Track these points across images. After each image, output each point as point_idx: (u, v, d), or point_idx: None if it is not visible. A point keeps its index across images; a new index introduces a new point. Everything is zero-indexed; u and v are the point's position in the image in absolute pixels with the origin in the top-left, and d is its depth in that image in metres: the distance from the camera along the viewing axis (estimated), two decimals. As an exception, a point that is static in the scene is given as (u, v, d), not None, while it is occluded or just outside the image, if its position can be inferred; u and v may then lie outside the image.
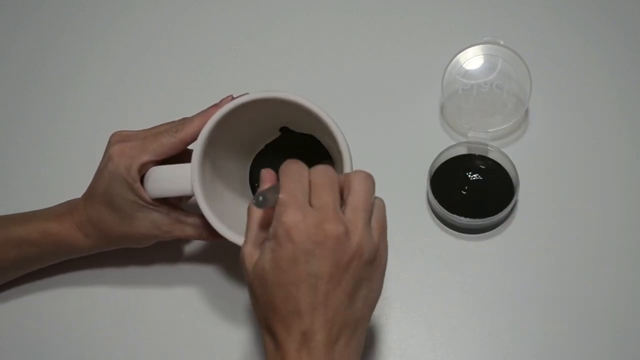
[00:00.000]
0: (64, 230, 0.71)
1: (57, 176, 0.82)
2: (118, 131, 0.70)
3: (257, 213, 0.59)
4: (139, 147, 0.68)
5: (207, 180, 0.69)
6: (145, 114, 0.75)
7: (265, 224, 0.59)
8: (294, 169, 0.59)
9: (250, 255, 0.58)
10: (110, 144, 0.69)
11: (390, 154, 0.81)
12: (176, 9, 0.91)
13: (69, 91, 0.87)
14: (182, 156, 0.70)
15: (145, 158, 0.67)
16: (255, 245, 0.59)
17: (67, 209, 0.72)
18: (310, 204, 0.57)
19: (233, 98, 0.68)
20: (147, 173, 0.68)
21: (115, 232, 0.70)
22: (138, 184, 0.68)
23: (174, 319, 0.76)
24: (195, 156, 0.67)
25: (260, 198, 0.57)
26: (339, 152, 0.67)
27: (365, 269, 0.57)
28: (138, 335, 0.75)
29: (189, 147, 0.69)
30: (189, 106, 0.71)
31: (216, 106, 0.68)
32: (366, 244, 0.57)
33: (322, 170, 0.59)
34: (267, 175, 0.61)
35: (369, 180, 0.59)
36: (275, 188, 0.58)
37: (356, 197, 0.58)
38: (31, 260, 0.73)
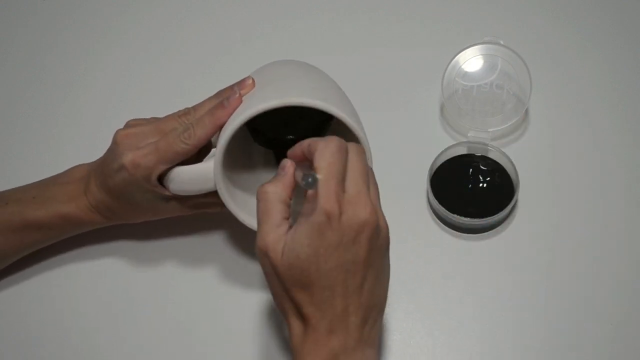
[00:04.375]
0: (82, 213, 0.72)
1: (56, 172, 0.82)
2: (122, 130, 0.69)
3: (279, 202, 0.59)
4: (152, 156, 0.67)
5: (226, 177, 0.67)
6: (145, 111, 0.75)
7: (284, 211, 0.59)
8: (335, 148, 0.58)
9: (276, 244, 0.58)
10: (118, 146, 0.68)
11: (390, 154, 0.81)
12: (177, 5, 0.91)
13: (69, 89, 0.87)
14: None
15: (162, 167, 0.67)
16: (277, 234, 0.58)
17: (80, 188, 0.72)
18: (345, 187, 0.58)
19: (239, 93, 0.66)
20: (168, 175, 0.68)
21: (135, 218, 0.73)
22: (159, 187, 0.68)
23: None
24: (217, 164, 0.66)
25: (310, 179, 0.57)
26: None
27: (387, 250, 0.61)
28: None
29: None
30: (190, 102, 0.71)
31: (223, 107, 0.66)
32: (387, 226, 0.60)
33: (357, 153, 0.60)
34: (289, 165, 0.61)
35: (363, 154, 0.60)
36: (311, 169, 0.58)
37: (362, 174, 0.59)
38: (51, 239, 0.75)
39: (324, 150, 0.58)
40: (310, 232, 0.57)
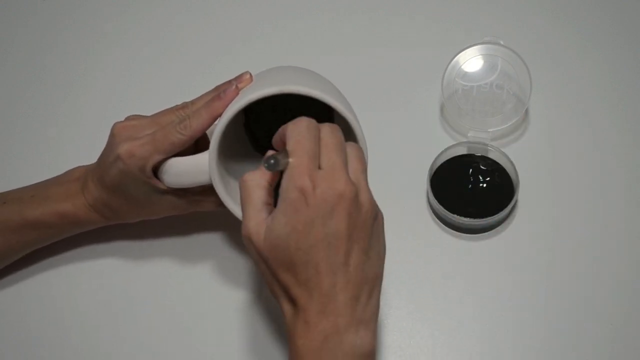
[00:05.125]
0: (79, 211, 0.72)
1: (57, 171, 0.82)
2: (120, 122, 0.70)
3: (258, 188, 0.59)
4: (148, 146, 0.67)
5: (222, 167, 0.68)
6: (145, 111, 0.75)
7: (265, 197, 0.59)
8: (304, 127, 0.58)
9: (258, 228, 0.58)
10: (114, 137, 0.68)
11: (390, 154, 0.81)
12: (177, 5, 0.91)
13: (69, 90, 0.87)
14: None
15: (158, 158, 0.67)
16: (259, 220, 0.58)
17: (78, 187, 0.72)
18: (320, 164, 0.58)
19: (236, 85, 0.67)
20: (162, 166, 0.68)
21: (132, 215, 0.72)
22: (153, 179, 0.68)
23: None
24: (212, 153, 0.66)
25: (272, 161, 0.56)
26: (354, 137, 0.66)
27: (374, 224, 0.59)
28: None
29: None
30: (192, 98, 0.71)
31: (219, 98, 0.67)
32: (371, 201, 0.58)
33: (330, 130, 0.59)
34: (269, 154, 0.60)
35: (336, 130, 0.60)
36: (285, 151, 0.58)
37: (336, 148, 0.59)
38: (49, 239, 0.74)
39: (293, 131, 0.58)
40: (286, 210, 0.56)
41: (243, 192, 0.60)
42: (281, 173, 0.59)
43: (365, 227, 0.58)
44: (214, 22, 0.90)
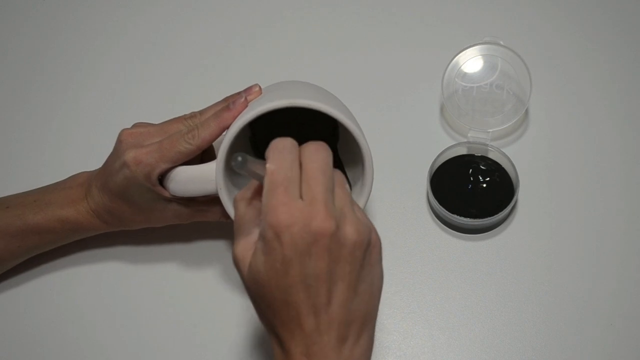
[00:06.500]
0: (81, 217, 0.72)
1: (58, 174, 0.82)
2: (127, 129, 0.69)
3: (249, 207, 0.57)
4: (155, 154, 0.67)
5: (228, 178, 0.68)
6: (146, 114, 0.75)
7: (256, 219, 0.56)
8: (279, 149, 0.55)
9: (244, 257, 0.56)
10: (121, 144, 0.68)
11: (390, 154, 0.81)
12: (178, 6, 0.91)
13: (69, 90, 0.87)
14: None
15: (164, 166, 0.67)
16: (247, 245, 0.56)
17: (81, 193, 0.72)
18: (301, 192, 0.54)
19: (245, 97, 0.67)
20: (169, 174, 0.68)
21: (136, 222, 0.72)
22: (158, 187, 0.68)
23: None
24: (220, 163, 0.66)
25: (240, 158, 0.53)
26: (362, 161, 0.66)
27: (365, 256, 0.55)
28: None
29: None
30: (192, 102, 0.71)
31: (228, 109, 0.67)
32: (360, 231, 0.54)
33: (315, 151, 0.55)
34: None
35: (320, 150, 0.55)
36: (262, 162, 0.55)
37: (317, 176, 0.54)
38: (50, 244, 0.74)
39: (272, 151, 0.55)
40: (263, 248, 0.54)
41: (235, 211, 0.57)
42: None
43: (353, 261, 0.54)
44: (215, 23, 0.90)
